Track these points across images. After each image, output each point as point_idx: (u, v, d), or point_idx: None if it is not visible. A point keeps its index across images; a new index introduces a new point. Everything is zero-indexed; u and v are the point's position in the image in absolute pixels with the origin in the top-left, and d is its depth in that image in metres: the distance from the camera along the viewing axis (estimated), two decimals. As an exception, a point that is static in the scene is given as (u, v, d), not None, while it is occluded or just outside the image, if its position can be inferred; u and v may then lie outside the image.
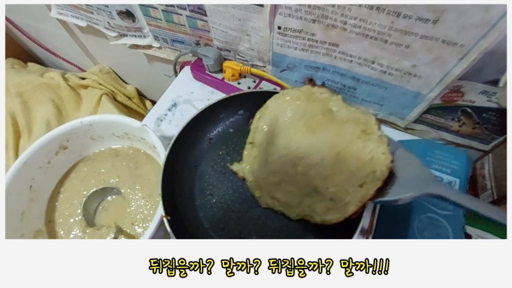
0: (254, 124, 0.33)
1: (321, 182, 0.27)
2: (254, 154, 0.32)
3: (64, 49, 0.78)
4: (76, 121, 0.37)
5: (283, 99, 0.31)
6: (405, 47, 0.34)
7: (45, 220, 0.37)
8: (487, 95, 0.37)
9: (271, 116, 0.32)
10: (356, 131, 0.27)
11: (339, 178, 0.26)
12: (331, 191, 0.26)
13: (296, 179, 0.28)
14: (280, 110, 0.31)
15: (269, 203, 0.31)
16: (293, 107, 0.30)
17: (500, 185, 0.39)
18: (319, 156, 0.27)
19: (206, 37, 0.48)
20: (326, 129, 0.28)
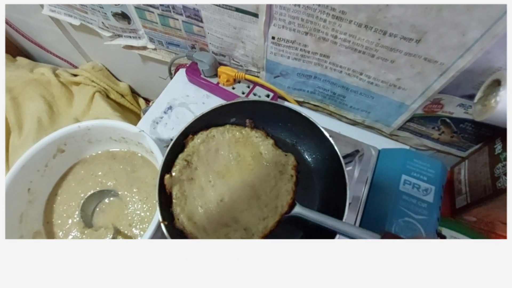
0: (195, 145, 0.35)
1: (240, 214, 0.32)
2: (190, 177, 0.34)
3: (54, 45, 0.77)
4: (74, 125, 0.38)
5: (226, 135, 0.36)
6: (391, 62, 0.37)
7: (43, 222, 0.38)
8: (464, 107, 0.40)
9: (214, 146, 0.35)
10: (274, 171, 0.33)
11: (251, 212, 0.31)
12: (246, 221, 0.31)
13: (218, 209, 0.32)
14: (222, 144, 0.35)
15: (184, 224, 0.31)
16: (232, 146, 0.35)
17: (473, 190, 0.43)
18: (241, 192, 0.32)
19: (202, 41, 0.49)
20: (251, 170, 0.34)
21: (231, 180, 0.33)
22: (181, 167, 0.34)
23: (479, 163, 0.43)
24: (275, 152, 0.35)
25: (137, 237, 0.37)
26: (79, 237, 0.38)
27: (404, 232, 0.32)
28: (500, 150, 0.39)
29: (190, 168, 0.34)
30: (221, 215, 0.32)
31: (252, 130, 0.37)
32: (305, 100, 0.51)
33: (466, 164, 0.46)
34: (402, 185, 0.35)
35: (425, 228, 0.32)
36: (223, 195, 0.32)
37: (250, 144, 0.36)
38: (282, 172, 0.33)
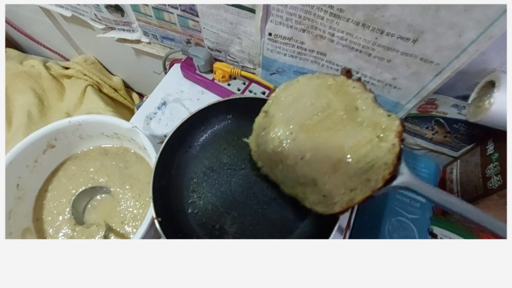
0: (276, 94, 0.31)
1: (321, 177, 0.27)
2: (264, 126, 0.31)
3: (45, 36, 0.75)
4: (64, 120, 0.37)
5: (315, 81, 0.30)
6: (387, 61, 0.37)
7: (33, 219, 0.38)
8: (458, 108, 0.40)
9: (296, 93, 0.30)
10: (371, 135, 0.26)
11: (337, 178, 0.26)
12: (327, 188, 0.27)
13: (296, 168, 0.28)
14: (307, 91, 0.30)
15: (268, 173, 0.32)
16: (321, 94, 0.29)
17: (465, 189, 0.43)
18: (327, 152, 0.27)
19: (197, 36, 0.49)
20: (343, 128, 0.27)
21: (316, 136, 0.28)
22: (259, 119, 0.31)
23: (471, 163, 0.43)
24: (375, 110, 0.27)
25: (130, 234, 0.37)
26: (70, 235, 0.37)
27: (397, 231, 0.32)
28: (492, 151, 0.39)
29: (267, 118, 0.30)
30: (300, 174, 0.28)
31: (348, 79, 0.30)
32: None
33: (458, 164, 0.47)
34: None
35: (418, 227, 0.33)
36: (305, 152, 0.27)
37: (345, 94, 0.29)
38: (382, 138, 0.26)
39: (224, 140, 0.39)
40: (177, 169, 0.36)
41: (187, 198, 0.35)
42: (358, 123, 0.27)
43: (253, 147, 0.32)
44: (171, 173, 0.35)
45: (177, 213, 0.34)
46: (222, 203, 0.35)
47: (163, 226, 0.29)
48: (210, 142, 0.38)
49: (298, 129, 0.28)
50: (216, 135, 0.39)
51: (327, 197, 0.27)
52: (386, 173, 0.25)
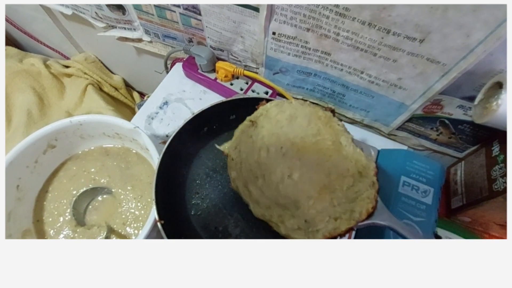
0: (267, 107, 0.31)
1: (306, 200, 0.27)
2: (249, 135, 0.30)
3: (45, 34, 0.74)
4: (65, 120, 0.37)
5: (307, 108, 0.31)
6: (393, 61, 0.36)
7: (33, 220, 0.37)
8: (464, 109, 0.39)
9: (290, 112, 0.30)
10: (353, 169, 0.28)
11: (322, 203, 0.27)
12: (310, 213, 0.26)
13: (280, 186, 0.27)
14: (301, 114, 0.30)
15: (239, 187, 0.29)
16: (312, 121, 0.30)
17: (469, 191, 0.43)
18: (316, 175, 0.27)
19: (200, 35, 0.48)
20: (330, 156, 0.28)
21: (307, 157, 0.28)
22: (243, 127, 0.30)
23: (476, 164, 0.43)
24: (356, 149, 0.29)
25: (131, 236, 0.36)
26: (71, 236, 0.37)
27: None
28: (497, 152, 0.39)
29: (254, 127, 0.29)
30: (283, 194, 0.27)
31: (333, 116, 0.31)
32: (304, 98, 0.51)
33: (462, 165, 0.47)
34: (402, 186, 0.35)
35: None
36: (294, 171, 0.27)
37: (331, 128, 0.30)
38: (362, 175, 0.28)
39: (227, 140, 0.38)
40: (180, 170, 0.35)
41: (190, 200, 0.35)
42: (343, 155, 0.29)
43: (232, 154, 0.30)
44: (174, 174, 0.35)
45: (180, 215, 0.33)
46: (225, 205, 0.34)
47: (165, 229, 0.28)
48: (213, 143, 0.38)
49: (290, 146, 0.28)
50: (219, 136, 0.38)
51: (309, 223, 0.26)
52: (369, 207, 0.27)
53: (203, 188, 0.36)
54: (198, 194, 0.35)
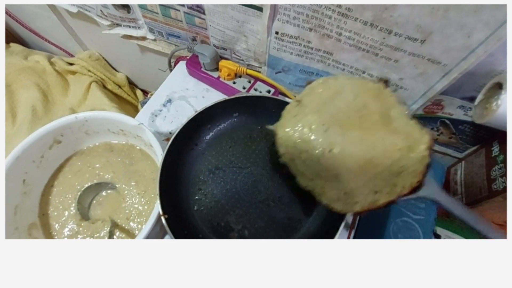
0: (312, 85, 0.31)
1: (347, 173, 0.27)
2: (295, 113, 0.31)
3: (50, 32, 0.75)
4: (71, 116, 0.37)
5: (355, 81, 0.30)
6: (394, 61, 0.37)
7: (39, 214, 0.38)
8: (464, 109, 0.40)
9: (335, 88, 0.30)
10: (403, 143, 0.27)
11: (362, 177, 0.26)
12: (350, 186, 0.27)
13: (321, 160, 0.27)
14: (347, 88, 0.30)
15: (287, 161, 0.30)
16: (360, 93, 0.29)
17: (469, 190, 0.44)
18: (357, 150, 0.27)
19: (203, 34, 0.49)
20: (376, 131, 0.27)
21: (349, 132, 0.27)
22: (290, 107, 0.30)
23: (476, 164, 0.43)
24: (409, 121, 0.28)
25: (135, 230, 0.37)
26: (76, 230, 0.37)
27: (402, 231, 0.32)
28: (497, 153, 0.39)
29: (299, 106, 0.30)
30: (324, 167, 0.27)
31: (386, 87, 0.30)
32: (306, 97, 0.51)
33: (462, 165, 0.47)
34: (401, 185, 0.35)
35: (423, 228, 0.33)
36: (335, 145, 0.27)
37: (382, 100, 0.29)
38: (412, 149, 0.27)
39: (230, 138, 0.39)
40: (183, 166, 0.36)
41: (193, 195, 0.35)
42: (391, 129, 0.28)
43: (279, 132, 0.30)
44: (177, 170, 0.35)
45: (183, 210, 0.34)
46: (228, 201, 0.35)
47: (169, 223, 0.29)
48: (216, 140, 0.39)
49: (332, 122, 0.28)
50: (222, 133, 0.39)
51: (348, 195, 0.27)
52: (414, 181, 0.26)
53: (206, 185, 0.36)
54: (201, 190, 0.36)
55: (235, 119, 0.39)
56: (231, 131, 0.39)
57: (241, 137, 0.39)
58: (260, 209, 0.34)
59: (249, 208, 0.35)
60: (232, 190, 0.36)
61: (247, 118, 0.39)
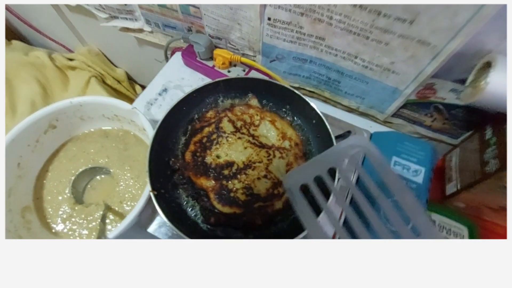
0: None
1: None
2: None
3: (50, 27, 0.76)
4: (66, 101, 0.38)
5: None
6: (385, 44, 0.37)
7: (33, 197, 0.38)
8: (456, 93, 0.40)
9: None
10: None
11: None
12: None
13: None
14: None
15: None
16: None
17: (463, 176, 0.43)
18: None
19: (198, 23, 0.49)
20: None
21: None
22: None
23: (470, 149, 0.43)
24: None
25: (127, 212, 0.37)
26: (69, 213, 0.38)
27: (393, 212, 0.32)
28: (490, 136, 0.39)
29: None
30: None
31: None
32: (301, 86, 0.52)
33: (457, 152, 0.47)
34: (393, 166, 0.35)
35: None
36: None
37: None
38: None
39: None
40: (173, 146, 0.36)
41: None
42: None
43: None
44: (167, 149, 0.36)
45: (171, 190, 0.34)
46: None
47: (158, 200, 0.29)
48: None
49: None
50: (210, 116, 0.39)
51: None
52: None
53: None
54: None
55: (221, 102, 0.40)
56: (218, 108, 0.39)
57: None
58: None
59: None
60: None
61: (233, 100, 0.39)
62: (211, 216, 0.30)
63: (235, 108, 0.37)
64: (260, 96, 0.38)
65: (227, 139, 0.35)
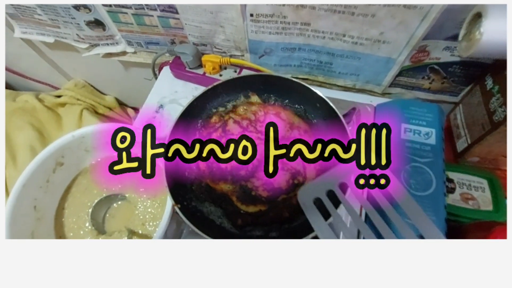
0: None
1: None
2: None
3: (33, 69, 0.76)
4: (67, 135, 0.38)
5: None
6: (371, 16, 0.37)
7: (56, 237, 0.38)
8: (450, 50, 0.40)
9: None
10: None
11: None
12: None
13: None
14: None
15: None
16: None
17: (472, 129, 0.43)
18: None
19: (181, 34, 0.49)
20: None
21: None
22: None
23: (473, 103, 0.43)
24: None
25: (152, 233, 0.37)
26: (94, 246, 0.37)
27: (413, 176, 0.32)
28: (491, 86, 0.39)
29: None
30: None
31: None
32: (293, 75, 0.51)
33: (460, 108, 0.47)
34: (403, 133, 0.35)
35: (433, 170, 0.33)
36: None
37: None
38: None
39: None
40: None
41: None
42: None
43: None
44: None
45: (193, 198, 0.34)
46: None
47: (184, 211, 0.29)
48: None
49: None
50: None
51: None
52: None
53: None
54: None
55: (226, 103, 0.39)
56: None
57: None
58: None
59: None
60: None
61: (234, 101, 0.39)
62: (238, 218, 0.30)
63: (238, 109, 0.37)
64: (260, 91, 0.38)
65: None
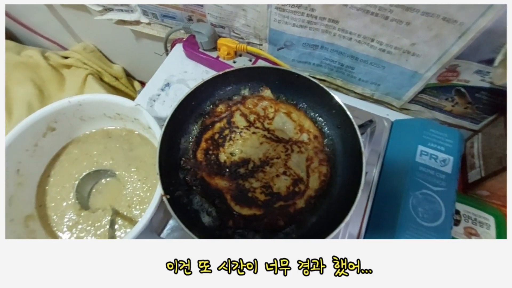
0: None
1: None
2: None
3: (42, 25, 0.73)
4: (63, 100, 0.35)
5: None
6: (406, 24, 0.34)
7: (36, 205, 0.36)
8: (481, 74, 0.37)
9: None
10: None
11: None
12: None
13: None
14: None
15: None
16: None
17: (488, 162, 0.41)
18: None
19: (199, 12, 0.46)
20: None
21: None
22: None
23: (494, 135, 0.41)
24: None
25: (137, 217, 0.35)
26: (75, 220, 0.35)
27: (422, 205, 0.30)
28: (518, 119, 0.36)
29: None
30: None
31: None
32: (311, 74, 0.49)
33: (479, 137, 0.44)
34: (419, 156, 0.33)
35: (444, 200, 0.30)
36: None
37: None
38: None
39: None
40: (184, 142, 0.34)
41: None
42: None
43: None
44: (177, 148, 0.33)
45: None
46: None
47: (172, 203, 0.27)
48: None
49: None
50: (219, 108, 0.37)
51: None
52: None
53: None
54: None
55: (229, 91, 0.37)
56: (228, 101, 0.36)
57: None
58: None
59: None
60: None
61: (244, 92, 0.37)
62: (230, 219, 0.28)
63: (247, 101, 0.35)
64: (273, 86, 0.36)
65: (240, 135, 0.33)
